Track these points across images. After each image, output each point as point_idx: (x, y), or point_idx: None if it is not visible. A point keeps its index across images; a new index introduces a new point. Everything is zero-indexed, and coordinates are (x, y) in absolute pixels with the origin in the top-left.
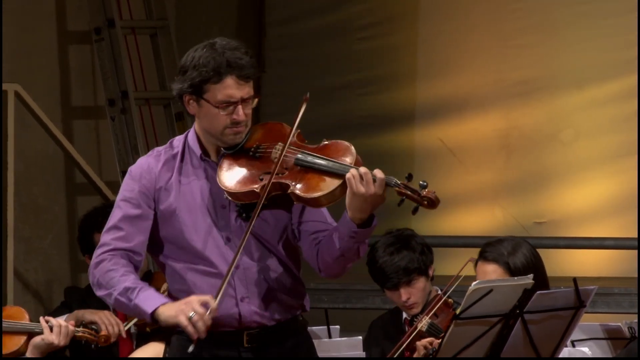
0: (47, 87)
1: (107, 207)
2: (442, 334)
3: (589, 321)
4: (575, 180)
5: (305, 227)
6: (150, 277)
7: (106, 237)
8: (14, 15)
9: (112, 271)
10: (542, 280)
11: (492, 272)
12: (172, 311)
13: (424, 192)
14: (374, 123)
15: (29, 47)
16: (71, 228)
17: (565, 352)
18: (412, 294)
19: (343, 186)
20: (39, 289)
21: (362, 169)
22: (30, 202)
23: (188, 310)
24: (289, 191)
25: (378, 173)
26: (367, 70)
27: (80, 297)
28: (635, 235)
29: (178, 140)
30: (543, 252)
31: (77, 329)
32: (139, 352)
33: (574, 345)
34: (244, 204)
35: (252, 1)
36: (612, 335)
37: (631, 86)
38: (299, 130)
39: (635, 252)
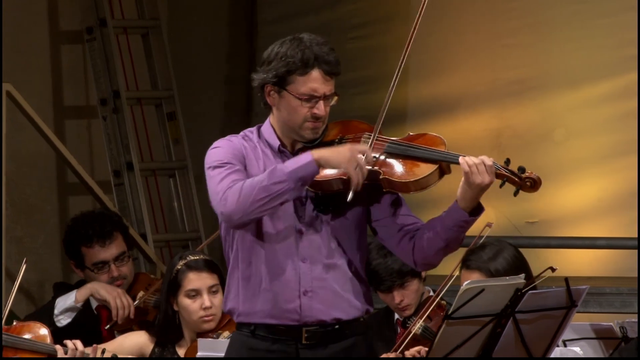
0: (38, 86)
1: (95, 217)
2: (434, 335)
3: (581, 321)
4: (567, 180)
5: (395, 221)
6: (136, 279)
7: (223, 184)
8: (5, 15)
9: (244, 182)
10: (526, 282)
11: (474, 278)
12: (339, 158)
13: (525, 174)
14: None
15: (21, 46)
16: (63, 228)
17: (557, 351)
18: (406, 296)
19: (438, 171)
20: (31, 289)
21: (476, 159)
22: (22, 202)
23: (354, 162)
24: (381, 177)
25: (487, 160)
26: (359, 70)
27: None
28: (628, 235)
29: (250, 132)
30: (535, 252)
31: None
32: (125, 337)
33: (565, 345)
34: (323, 196)
35: (244, 0)
36: (604, 335)
37: (624, 86)
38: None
39: (628, 251)
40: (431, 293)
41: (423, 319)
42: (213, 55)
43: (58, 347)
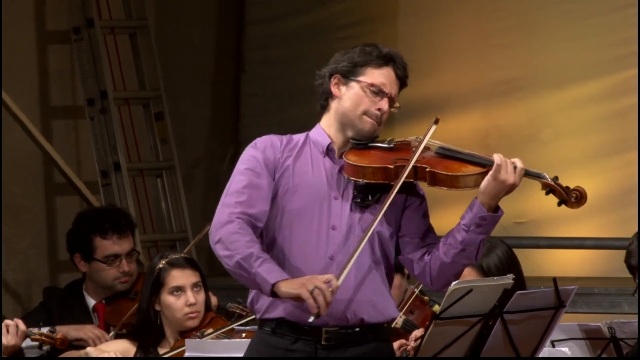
0: (26, 86)
1: (111, 211)
2: (422, 335)
3: (569, 321)
4: None
5: (419, 237)
6: (138, 278)
7: (230, 199)
8: None
9: (238, 234)
10: (518, 281)
11: (467, 275)
12: (295, 284)
13: (572, 187)
14: None
15: (8, 46)
16: (50, 228)
17: (545, 352)
18: None
19: (483, 176)
20: (18, 289)
21: (509, 159)
22: (9, 202)
23: (310, 285)
24: (427, 170)
25: (519, 162)
26: None
27: (60, 297)
28: (616, 235)
29: (297, 136)
30: (523, 252)
31: (32, 330)
32: (106, 346)
33: (553, 346)
34: (364, 187)
35: (232, 1)
36: (592, 336)
37: (612, 86)
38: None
39: (616, 252)
40: (416, 290)
41: (403, 311)
42: (201, 55)
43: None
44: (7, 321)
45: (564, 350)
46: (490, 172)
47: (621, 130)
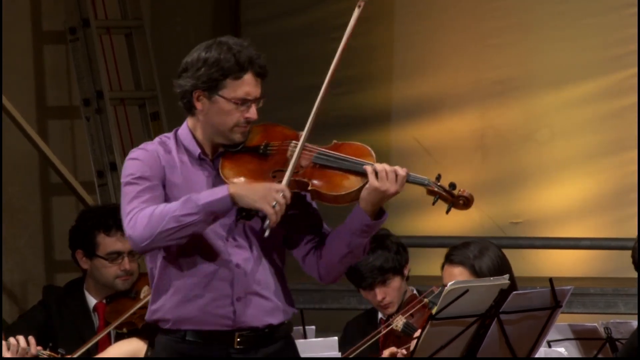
0: (21, 86)
1: (115, 209)
2: (418, 335)
3: (565, 321)
4: (551, 180)
5: (307, 233)
6: (138, 278)
7: (132, 205)
8: None
9: (155, 208)
10: (510, 283)
11: (458, 274)
12: (254, 195)
13: (458, 192)
14: (350, 123)
15: (4, 46)
16: (46, 228)
17: (541, 352)
18: (388, 293)
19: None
20: (14, 290)
21: (388, 167)
22: (5, 202)
23: (270, 199)
24: (309, 188)
25: (400, 170)
26: (343, 70)
27: (59, 296)
28: (612, 235)
29: (167, 138)
30: (519, 252)
31: (42, 351)
32: (117, 347)
33: (550, 346)
34: None
35: (228, 1)
36: (588, 336)
37: (608, 86)
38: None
39: (612, 252)
40: (414, 292)
41: (405, 315)
42: None
43: (4, 343)
44: (12, 340)
45: (560, 350)
46: (370, 182)
47: (617, 130)
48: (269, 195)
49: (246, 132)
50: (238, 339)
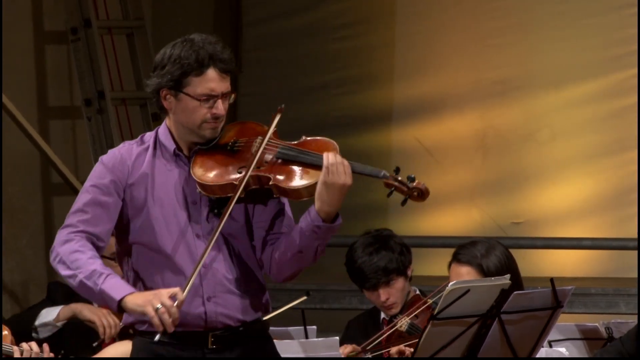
0: (23, 87)
1: None
2: (420, 331)
3: (566, 321)
4: (552, 180)
5: (267, 227)
6: None
7: (72, 219)
8: None
9: (78, 252)
10: (516, 282)
11: (465, 274)
12: (140, 300)
13: (413, 184)
14: (351, 123)
15: (5, 47)
16: (47, 228)
17: (542, 352)
18: (391, 294)
19: None
20: (15, 290)
21: (340, 158)
22: (6, 202)
23: (156, 302)
24: (271, 183)
25: (346, 162)
26: (344, 70)
27: (66, 292)
28: (613, 235)
29: (149, 136)
30: (520, 252)
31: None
32: (114, 348)
33: (551, 346)
34: (216, 199)
35: (229, 1)
36: (589, 336)
37: (609, 86)
38: (275, 129)
39: (613, 252)
40: (417, 292)
41: (410, 317)
42: None
43: (15, 348)
44: (25, 345)
45: (562, 350)
46: (321, 177)
47: (617, 130)
48: (154, 299)
49: (217, 128)
50: (212, 339)
